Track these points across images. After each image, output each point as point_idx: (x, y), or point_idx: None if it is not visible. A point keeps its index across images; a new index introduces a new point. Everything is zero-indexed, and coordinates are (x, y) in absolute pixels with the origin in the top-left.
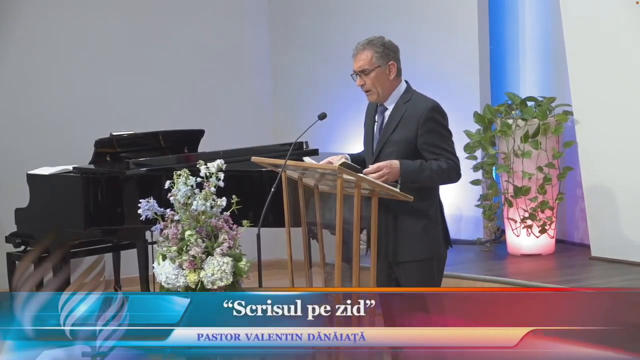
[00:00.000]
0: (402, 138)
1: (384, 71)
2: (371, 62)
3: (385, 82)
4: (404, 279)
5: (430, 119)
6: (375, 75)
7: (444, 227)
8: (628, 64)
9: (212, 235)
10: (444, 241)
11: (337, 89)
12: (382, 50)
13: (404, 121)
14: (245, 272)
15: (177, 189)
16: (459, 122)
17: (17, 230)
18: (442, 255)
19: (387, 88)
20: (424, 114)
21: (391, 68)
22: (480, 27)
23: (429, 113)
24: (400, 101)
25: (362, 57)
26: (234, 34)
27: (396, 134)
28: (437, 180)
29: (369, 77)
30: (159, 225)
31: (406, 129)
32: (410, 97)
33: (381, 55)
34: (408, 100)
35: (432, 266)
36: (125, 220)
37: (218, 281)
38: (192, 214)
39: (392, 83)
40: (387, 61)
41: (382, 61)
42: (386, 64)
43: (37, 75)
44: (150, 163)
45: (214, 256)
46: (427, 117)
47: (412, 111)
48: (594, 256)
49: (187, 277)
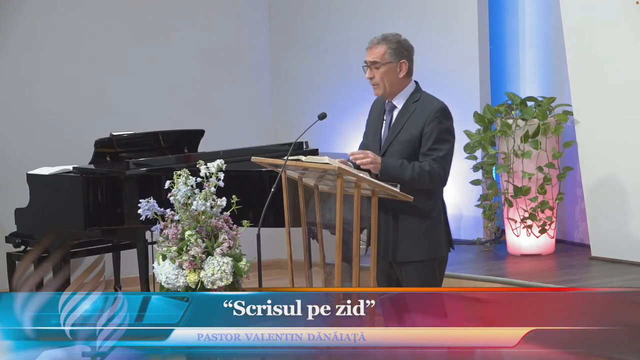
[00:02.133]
0: (408, 137)
1: (395, 68)
2: (383, 57)
3: (394, 78)
4: (406, 279)
5: (435, 119)
6: (386, 70)
7: (446, 229)
8: (628, 64)
9: (212, 235)
10: (446, 243)
11: (336, 89)
12: (396, 47)
13: (411, 121)
14: (245, 272)
15: (177, 189)
16: (459, 122)
17: (17, 230)
18: (443, 257)
19: (395, 85)
20: (431, 114)
21: (402, 66)
22: (480, 27)
23: (435, 113)
24: (409, 100)
25: (376, 51)
26: (233, 34)
27: (403, 133)
28: (418, 181)
29: (378, 71)
30: (159, 225)
31: (413, 128)
32: (419, 97)
33: (394, 51)
34: (417, 100)
35: (433, 267)
36: (125, 220)
37: (218, 281)
38: (192, 214)
39: (402, 81)
40: (399, 59)
41: (395, 58)
42: (398, 62)
43: (37, 75)
44: (150, 163)
45: (214, 256)
46: (433, 117)
47: (420, 111)
48: (594, 256)
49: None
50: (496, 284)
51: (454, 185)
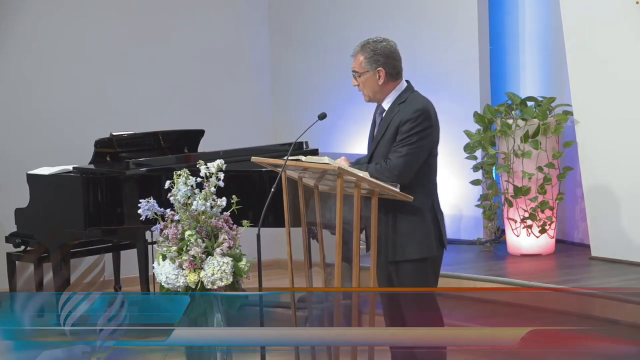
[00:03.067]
0: (387, 138)
1: (373, 76)
2: (361, 66)
3: (374, 86)
4: (397, 278)
5: (409, 120)
6: (365, 79)
7: (438, 228)
8: (628, 64)
9: (212, 235)
10: (438, 242)
11: (336, 89)
12: (371, 56)
13: (394, 122)
14: (245, 272)
15: (177, 189)
16: (459, 122)
17: (17, 230)
18: (436, 256)
19: (376, 92)
20: (408, 114)
21: (379, 73)
22: (480, 27)
23: (411, 115)
24: (395, 102)
25: (356, 60)
26: (233, 34)
27: (387, 134)
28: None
29: (360, 80)
30: (159, 225)
31: (392, 128)
32: (406, 98)
33: (369, 61)
34: (403, 101)
35: (425, 267)
36: (125, 220)
37: (218, 281)
38: (192, 214)
39: (383, 87)
40: (375, 67)
41: (371, 66)
42: (375, 70)
43: (37, 75)
44: (150, 163)
45: (214, 256)
46: (408, 118)
47: (402, 112)
48: (594, 256)
49: (187, 277)
50: (496, 284)
51: (454, 185)
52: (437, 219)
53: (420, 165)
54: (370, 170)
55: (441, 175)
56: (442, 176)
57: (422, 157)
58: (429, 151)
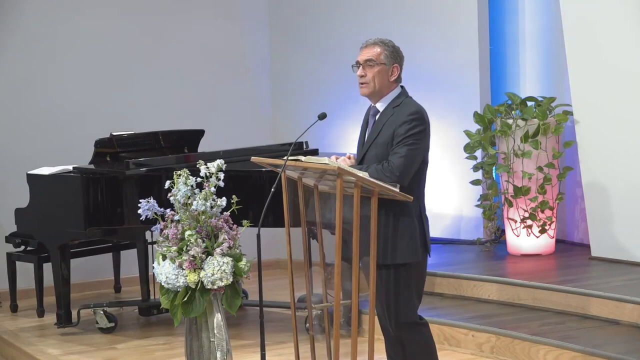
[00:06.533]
0: (382, 140)
1: (387, 70)
2: (379, 57)
3: (385, 80)
4: (380, 282)
5: (405, 123)
6: (379, 70)
7: (422, 233)
8: (628, 63)
9: (212, 235)
10: (422, 248)
11: (336, 89)
12: (392, 51)
13: (388, 125)
14: (245, 272)
15: (177, 189)
16: (459, 122)
17: (17, 230)
18: (419, 262)
19: (383, 87)
20: (403, 117)
21: (394, 70)
22: (481, 27)
23: (407, 117)
24: (390, 105)
25: (372, 50)
26: (233, 34)
27: (380, 136)
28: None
29: (372, 70)
30: (159, 225)
31: (387, 131)
32: (401, 102)
33: (390, 54)
34: (398, 105)
35: (408, 272)
36: (125, 220)
37: (218, 281)
38: (192, 214)
39: (390, 85)
40: (393, 62)
41: (389, 61)
42: (391, 65)
43: (37, 75)
44: (150, 163)
45: (214, 256)
46: (403, 121)
47: (397, 115)
48: (594, 256)
49: (187, 277)
50: (496, 284)
51: (454, 185)
52: (424, 225)
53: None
54: (371, 171)
55: (441, 175)
56: (442, 176)
57: (420, 158)
58: (424, 154)
